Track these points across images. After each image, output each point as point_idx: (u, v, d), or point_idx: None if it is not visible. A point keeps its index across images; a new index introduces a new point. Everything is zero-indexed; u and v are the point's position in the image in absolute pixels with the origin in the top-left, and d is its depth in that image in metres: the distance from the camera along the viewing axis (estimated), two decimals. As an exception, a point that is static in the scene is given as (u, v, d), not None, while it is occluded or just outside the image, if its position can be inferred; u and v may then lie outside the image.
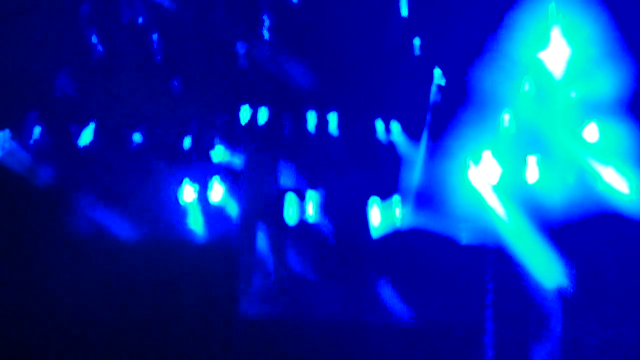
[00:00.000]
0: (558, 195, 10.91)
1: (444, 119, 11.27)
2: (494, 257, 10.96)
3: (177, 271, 11.08)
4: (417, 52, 11.34)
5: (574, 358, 10.37)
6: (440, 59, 11.28)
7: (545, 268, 10.90)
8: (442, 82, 11.25)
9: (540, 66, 11.09)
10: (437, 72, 11.28)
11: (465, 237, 11.10)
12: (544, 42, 11.05)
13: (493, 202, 11.08)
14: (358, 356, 10.84)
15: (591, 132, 10.94)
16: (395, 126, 11.35)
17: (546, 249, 10.92)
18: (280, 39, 11.34)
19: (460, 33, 11.08)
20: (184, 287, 11.05)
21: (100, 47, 11.03)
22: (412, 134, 11.37)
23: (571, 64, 10.97)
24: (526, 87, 11.08)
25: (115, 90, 11.01)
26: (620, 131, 10.81)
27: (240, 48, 11.29)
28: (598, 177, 10.92)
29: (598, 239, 10.89)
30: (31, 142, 10.92)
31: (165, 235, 11.07)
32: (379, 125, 11.38)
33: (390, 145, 11.36)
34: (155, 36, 11.14)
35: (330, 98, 11.32)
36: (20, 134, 10.89)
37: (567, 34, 10.95)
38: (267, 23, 11.25)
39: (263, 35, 11.27)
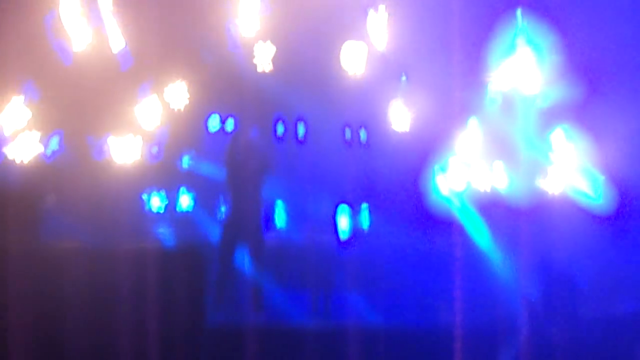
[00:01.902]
0: (525, 201, 11.16)
1: (412, 125, 11.50)
2: (463, 264, 11.17)
3: (145, 279, 11.21)
4: (383, 58, 11.56)
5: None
6: (408, 64, 11.51)
7: (513, 273, 11.13)
8: (407, 87, 11.47)
9: (506, 72, 11.35)
10: (403, 78, 11.52)
11: (432, 243, 11.32)
12: (510, 49, 11.32)
13: (460, 208, 11.31)
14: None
15: (557, 138, 11.21)
16: (362, 133, 11.55)
17: (514, 254, 11.15)
18: (248, 49, 11.53)
19: (428, 38, 11.32)
20: (152, 295, 11.18)
21: (66, 55, 11.17)
22: (379, 141, 11.57)
23: (536, 71, 11.25)
24: (493, 93, 11.32)
25: (82, 98, 11.15)
26: (584, 135, 11.11)
27: (208, 56, 11.47)
28: (565, 181, 11.19)
29: (565, 243, 11.14)
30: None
31: (133, 243, 11.19)
32: (346, 132, 11.57)
33: (358, 152, 11.55)
34: (123, 44, 11.29)
35: (298, 106, 11.52)
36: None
37: (531, 41, 11.23)
38: (234, 30, 11.43)
39: (230, 45, 11.45)
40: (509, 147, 11.32)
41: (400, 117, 11.57)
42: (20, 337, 10.82)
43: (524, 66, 11.30)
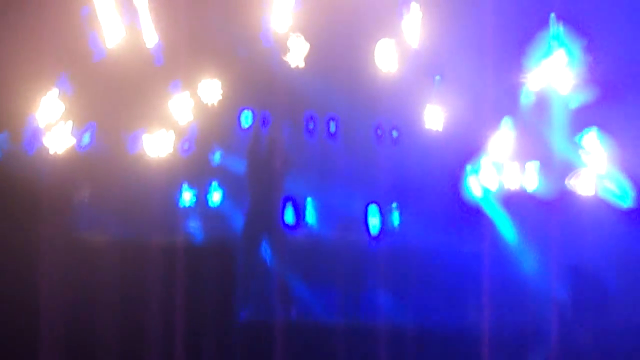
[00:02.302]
0: (556, 202, 11.17)
1: (444, 124, 11.51)
2: (492, 263, 11.20)
3: (175, 273, 11.31)
4: (417, 57, 11.57)
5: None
6: (442, 63, 11.51)
7: (543, 275, 11.15)
8: (441, 87, 11.48)
9: (540, 73, 11.35)
10: (437, 77, 11.52)
11: (463, 243, 11.34)
12: (544, 50, 11.31)
13: (491, 208, 11.32)
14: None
15: (590, 141, 11.20)
16: (394, 131, 11.57)
17: (544, 256, 11.17)
18: (281, 45, 11.56)
19: (463, 39, 11.32)
20: (182, 290, 11.28)
21: (100, 50, 11.26)
22: (410, 140, 11.59)
23: (569, 72, 11.24)
24: (526, 94, 11.32)
25: (115, 92, 11.23)
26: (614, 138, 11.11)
27: (242, 52, 11.51)
28: (596, 183, 11.18)
29: (596, 246, 11.14)
30: (31, 143, 11.14)
31: (163, 237, 11.29)
32: (377, 130, 11.60)
33: (390, 151, 11.57)
34: (157, 39, 11.36)
35: (331, 103, 11.54)
36: (19, 136, 11.12)
37: (565, 43, 11.22)
38: (268, 26, 11.48)
39: (263, 41, 11.49)
40: (542, 147, 11.32)
41: (434, 116, 11.57)
42: (52, 328, 10.97)
43: (558, 67, 11.29)
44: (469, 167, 11.37)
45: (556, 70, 11.29)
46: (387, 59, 11.59)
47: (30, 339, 10.87)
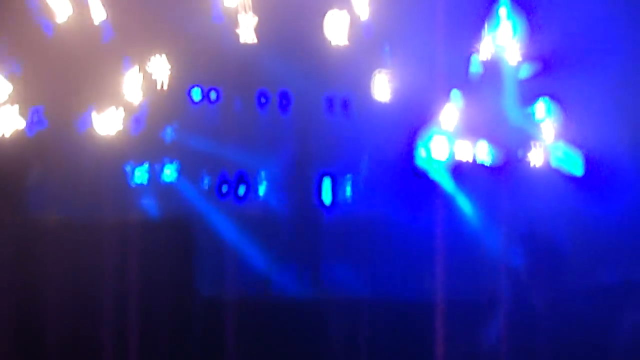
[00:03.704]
0: (508, 172, 11.42)
1: (394, 95, 11.66)
2: (445, 233, 11.44)
3: (131, 251, 11.39)
4: (367, 33, 11.68)
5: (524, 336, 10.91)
6: (391, 34, 11.64)
7: (496, 243, 11.42)
8: (391, 58, 11.62)
9: (489, 43, 11.52)
10: (387, 49, 11.65)
11: (416, 213, 11.55)
12: (494, 20, 11.49)
13: (443, 179, 11.54)
14: (314, 334, 11.27)
15: (540, 110, 11.44)
16: (345, 103, 11.70)
17: (496, 224, 11.44)
18: (231, 20, 11.60)
19: (412, 9, 11.45)
20: (138, 267, 11.37)
21: (47, 28, 11.19)
22: (361, 111, 11.73)
23: (518, 42, 11.45)
24: (476, 65, 11.51)
25: (64, 71, 11.20)
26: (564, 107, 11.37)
27: (191, 27, 11.52)
28: (546, 152, 11.45)
29: (548, 214, 11.43)
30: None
31: (117, 215, 11.35)
32: (330, 103, 11.71)
33: (341, 123, 11.71)
34: (104, 15, 11.32)
35: (281, 77, 11.63)
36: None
37: (514, 12, 11.41)
38: (217, 1, 11.50)
39: (213, 16, 11.51)
40: (492, 118, 11.54)
41: (384, 87, 11.71)
42: (5, 310, 11.01)
43: (506, 38, 11.48)
44: (419, 138, 11.55)
45: (505, 41, 11.49)
46: (336, 30, 11.68)
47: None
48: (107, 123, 11.43)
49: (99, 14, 11.37)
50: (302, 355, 11.30)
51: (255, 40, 11.59)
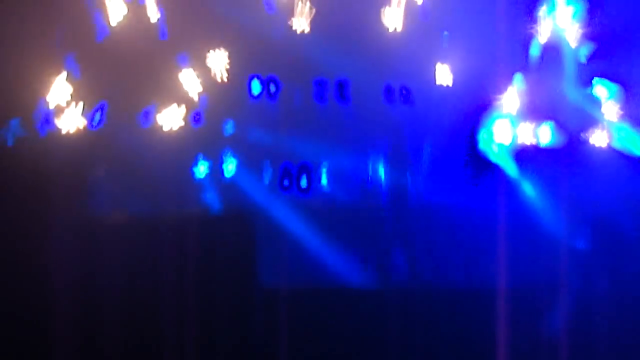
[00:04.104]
0: (571, 155, 11.22)
1: (454, 81, 11.53)
2: (508, 219, 11.32)
3: (193, 245, 11.60)
4: (424, 18, 11.55)
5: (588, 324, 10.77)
6: (449, 19, 11.50)
7: (560, 228, 11.26)
8: (449, 43, 11.49)
9: (549, 27, 11.30)
10: (445, 33, 11.52)
11: (479, 199, 11.45)
12: (553, 3, 11.27)
13: (506, 163, 11.39)
14: (377, 323, 11.31)
15: (601, 91, 11.19)
16: (403, 91, 11.62)
17: (559, 208, 11.26)
18: (286, 11, 11.61)
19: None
20: (203, 263, 11.57)
21: (104, 29, 11.37)
22: (421, 98, 11.64)
23: (578, 25, 11.20)
24: (536, 47, 11.30)
25: (123, 69, 11.39)
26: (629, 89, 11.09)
27: (246, 20, 11.57)
28: (610, 135, 11.20)
29: (612, 196, 11.21)
30: (42, 127, 11.35)
31: (181, 210, 11.53)
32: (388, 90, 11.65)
33: (401, 111, 11.64)
34: (158, 14, 11.45)
35: (339, 66, 11.60)
36: (31, 121, 11.34)
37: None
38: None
39: (267, 7, 11.54)
40: (554, 101, 11.33)
41: (444, 73, 11.58)
42: (67, 307, 11.32)
43: (566, 20, 11.24)
44: (482, 123, 11.41)
45: (564, 22, 11.24)
46: (393, 18, 11.59)
47: (46, 323, 11.24)
48: (168, 119, 11.58)
49: (154, 12, 11.51)
50: (365, 345, 11.36)
51: (311, 31, 11.59)
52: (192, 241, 11.59)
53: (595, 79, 11.20)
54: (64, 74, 11.41)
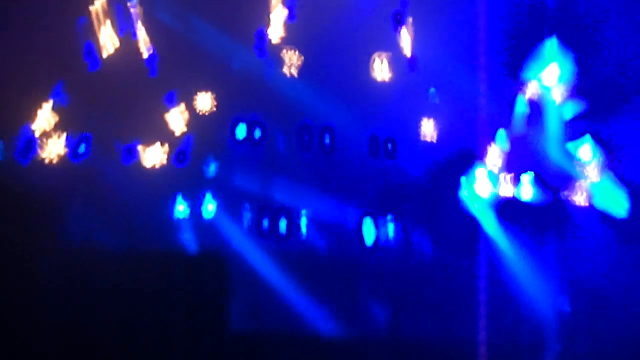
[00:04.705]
0: (551, 212, 11.28)
1: (439, 136, 11.65)
2: (488, 274, 11.30)
3: (169, 284, 11.44)
4: (411, 72, 11.73)
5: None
6: (436, 75, 11.68)
7: (539, 285, 11.24)
8: (436, 100, 11.63)
9: (536, 86, 11.50)
10: (432, 90, 11.68)
11: (459, 254, 11.44)
12: (539, 62, 11.48)
13: (487, 219, 11.42)
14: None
15: (584, 151, 11.33)
16: (389, 143, 11.71)
17: (541, 266, 11.27)
18: (275, 57, 11.74)
19: (457, 50, 11.52)
20: (175, 300, 11.40)
21: (96, 60, 11.42)
22: (406, 152, 11.72)
23: (563, 83, 11.41)
24: (521, 105, 11.48)
25: (110, 103, 11.39)
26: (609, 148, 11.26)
27: (236, 64, 11.68)
28: (591, 194, 11.30)
29: (594, 258, 11.23)
30: (25, 153, 11.27)
31: (157, 248, 11.41)
32: (373, 142, 11.73)
33: (384, 162, 11.70)
34: (150, 50, 11.53)
35: (325, 115, 11.70)
36: (13, 146, 11.26)
37: (560, 54, 11.41)
38: (262, 38, 11.65)
39: (258, 52, 11.67)
40: (536, 158, 11.45)
41: (428, 128, 11.71)
42: (46, 340, 11.06)
43: (551, 79, 11.45)
44: (464, 178, 11.48)
45: (550, 82, 11.46)
46: (381, 70, 11.76)
47: (24, 351, 10.96)
48: (151, 156, 11.56)
49: (146, 48, 11.60)
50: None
51: (299, 78, 11.71)
52: (168, 279, 11.45)
53: (580, 138, 11.36)
54: (51, 102, 11.41)
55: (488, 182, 11.47)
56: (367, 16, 11.73)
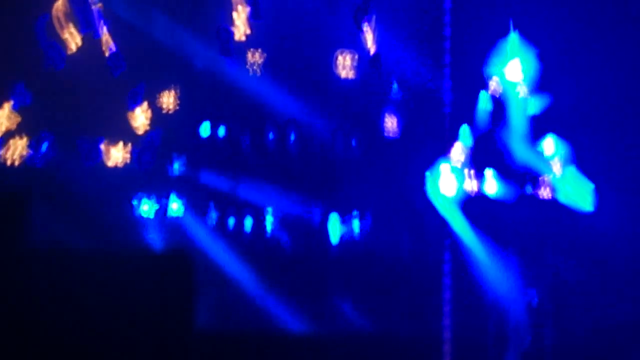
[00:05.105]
0: (516, 207, 11.31)
1: (402, 133, 11.65)
2: (452, 269, 11.32)
3: (133, 283, 11.32)
4: (374, 68, 11.72)
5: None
6: (399, 71, 11.68)
7: (504, 279, 11.27)
8: (400, 96, 11.64)
9: (499, 82, 11.52)
10: (395, 86, 11.68)
11: (425, 249, 11.45)
12: (503, 58, 11.51)
13: (451, 214, 11.43)
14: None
15: (548, 146, 11.37)
16: (353, 139, 11.70)
17: (504, 260, 11.29)
18: (239, 55, 11.72)
19: (421, 47, 11.53)
20: (139, 300, 11.29)
21: (57, 60, 11.35)
22: (371, 149, 11.72)
23: (527, 78, 11.43)
24: (485, 100, 11.50)
25: (73, 102, 11.32)
26: (575, 143, 11.29)
27: (199, 62, 11.64)
28: (555, 189, 11.34)
29: (555, 250, 11.28)
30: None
31: (121, 247, 11.32)
32: (338, 139, 11.71)
33: (349, 160, 11.70)
34: (112, 49, 11.47)
35: (289, 112, 11.68)
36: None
37: (522, 48, 11.44)
38: (226, 36, 11.63)
39: (221, 50, 11.64)
40: (500, 153, 11.47)
41: (392, 124, 11.71)
42: (6, 339, 10.92)
43: (515, 75, 11.48)
44: (428, 174, 11.49)
45: (513, 77, 11.49)
46: (344, 67, 11.76)
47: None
48: (114, 155, 11.51)
49: (109, 47, 11.55)
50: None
51: (263, 76, 11.70)
52: (130, 279, 11.35)
53: (544, 133, 11.39)
54: (11, 102, 11.33)
55: (453, 178, 11.48)
56: (330, 13, 11.74)
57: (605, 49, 11.28)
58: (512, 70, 11.50)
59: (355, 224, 11.69)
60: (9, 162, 11.30)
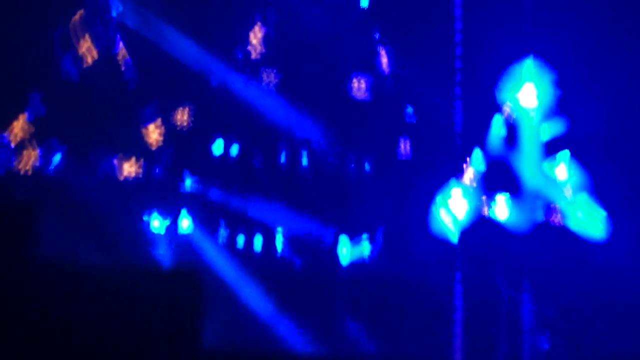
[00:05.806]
0: (528, 233, 11.28)
1: (414, 156, 11.65)
2: (463, 294, 11.27)
3: (142, 299, 11.24)
4: (389, 91, 11.74)
5: None
6: (414, 95, 11.70)
7: (516, 305, 11.22)
8: (413, 120, 11.65)
9: (512, 106, 11.52)
10: (409, 110, 11.70)
11: (435, 273, 11.40)
12: (517, 83, 11.51)
13: (462, 238, 11.40)
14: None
15: (561, 172, 11.34)
16: (366, 162, 11.70)
17: (515, 285, 11.25)
18: (254, 75, 11.74)
19: (434, 70, 11.56)
20: (148, 317, 11.20)
21: (73, 73, 11.37)
22: (383, 171, 11.71)
23: (542, 105, 11.44)
24: (498, 125, 11.49)
25: (88, 116, 11.33)
26: (589, 170, 11.26)
27: (214, 80, 11.66)
28: (568, 216, 11.31)
29: (567, 279, 11.23)
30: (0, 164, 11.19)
31: (130, 262, 11.27)
32: (350, 161, 11.71)
33: (360, 182, 11.68)
34: (129, 63, 11.50)
35: (303, 133, 11.69)
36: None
37: (536, 75, 11.44)
38: (242, 55, 11.66)
39: (239, 67, 11.67)
40: (513, 178, 11.45)
41: (404, 146, 11.72)
42: (15, 352, 10.84)
43: (529, 100, 11.49)
44: (439, 198, 11.47)
45: (527, 103, 11.49)
46: (359, 90, 11.78)
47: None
48: (127, 170, 11.50)
49: (125, 61, 11.57)
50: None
51: (278, 95, 11.71)
52: (139, 295, 11.29)
53: (557, 159, 11.37)
54: (26, 113, 11.34)
55: (464, 202, 11.46)
56: (346, 36, 11.78)
57: (619, 75, 11.30)
58: (527, 96, 11.51)
59: (366, 246, 11.67)
60: (22, 172, 11.29)
